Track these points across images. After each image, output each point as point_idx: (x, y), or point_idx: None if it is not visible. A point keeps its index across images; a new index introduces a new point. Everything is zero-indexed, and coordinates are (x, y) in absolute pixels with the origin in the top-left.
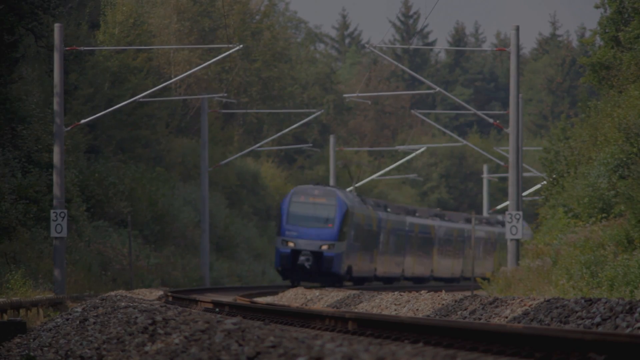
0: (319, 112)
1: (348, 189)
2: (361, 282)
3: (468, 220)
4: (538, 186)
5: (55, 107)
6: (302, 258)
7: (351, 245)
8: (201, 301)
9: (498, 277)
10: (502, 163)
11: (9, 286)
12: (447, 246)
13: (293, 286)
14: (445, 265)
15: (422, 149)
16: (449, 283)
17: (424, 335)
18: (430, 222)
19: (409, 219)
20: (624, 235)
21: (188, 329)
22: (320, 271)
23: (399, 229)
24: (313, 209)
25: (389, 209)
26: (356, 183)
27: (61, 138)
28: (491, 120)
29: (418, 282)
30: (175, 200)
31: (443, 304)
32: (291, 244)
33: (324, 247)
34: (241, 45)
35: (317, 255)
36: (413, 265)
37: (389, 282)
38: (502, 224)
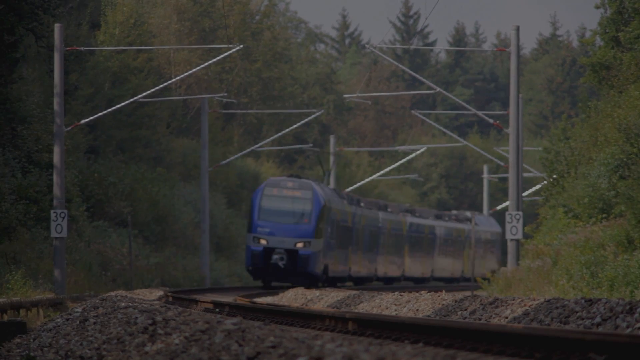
0: (319, 113)
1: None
2: (335, 282)
3: (438, 217)
4: (538, 186)
5: (56, 107)
6: (275, 257)
7: (327, 242)
8: (201, 301)
9: (498, 277)
10: (502, 163)
11: (9, 286)
12: (418, 244)
13: (265, 287)
14: (416, 264)
15: (423, 149)
16: (420, 284)
17: (424, 335)
18: (402, 219)
19: (382, 215)
20: (624, 235)
21: (188, 329)
22: (295, 271)
23: (372, 225)
24: (287, 203)
25: (362, 204)
26: (329, 174)
27: (61, 138)
28: (491, 121)
29: (389, 283)
30: (176, 201)
31: (443, 304)
32: (263, 242)
33: (300, 245)
34: (241, 46)
35: (292, 253)
36: (386, 265)
37: (360, 283)
38: (471, 220)
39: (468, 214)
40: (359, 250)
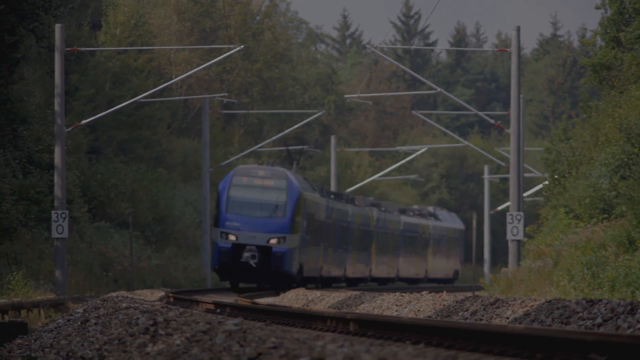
0: (320, 113)
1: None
2: (306, 284)
3: (402, 211)
4: (539, 187)
5: (56, 107)
6: (246, 254)
7: (303, 239)
8: (202, 302)
9: (499, 277)
10: (503, 164)
11: (10, 287)
12: (385, 241)
13: (233, 289)
14: (383, 263)
15: (423, 150)
16: (384, 284)
17: (425, 336)
18: (370, 213)
19: (351, 209)
20: (625, 236)
21: (189, 329)
22: (268, 270)
23: (343, 220)
24: (259, 193)
25: (332, 196)
26: (297, 163)
27: (62, 139)
28: (492, 121)
29: (354, 284)
30: (177, 201)
31: (444, 305)
32: (232, 237)
33: (273, 241)
34: (242, 46)
35: (265, 250)
36: (355, 264)
37: (329, 285)
38: (435, 216)
39: (430, 208)
40: (329, 248)
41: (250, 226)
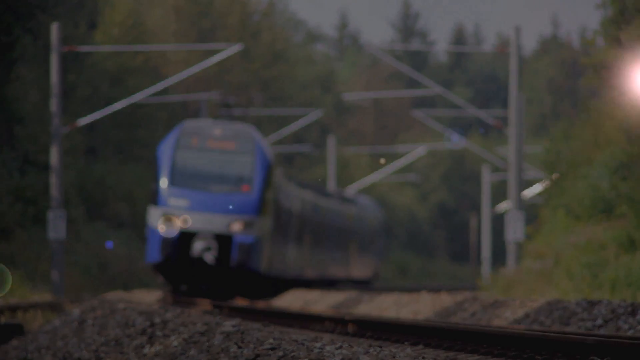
0: (319, 113)
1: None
2: (275, 286)
3: (327, 195)
4: (538, 187)
5: (53, 107)
6: (199, 245)
7: (272, 225)
8: (200, 303)
9: (499, 278)
10: (502, 164)
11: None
12: (316, 231)
13: (175, 292)
14: (318, 259)
15: (423, 150)
16: (309, 287)
17: (424, 337)
18: (305, 196)
19: (295, 190)
20: (626, 236)
21: (187, 331)
22: (229, 268)
23: (290, 203)
24: (216, 159)
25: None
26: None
27: (59, 139)
28: (491, 122)
29: (306, 285)
30: None
31: (443, 306)
32: (179, 222)
33: (237, 227)
34: (242, 46)
35: (225, 240)
36: (295, 259)
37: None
38: (356, 203)
39: (350, 193)
40: (283, 240)
41: (204, 205)
